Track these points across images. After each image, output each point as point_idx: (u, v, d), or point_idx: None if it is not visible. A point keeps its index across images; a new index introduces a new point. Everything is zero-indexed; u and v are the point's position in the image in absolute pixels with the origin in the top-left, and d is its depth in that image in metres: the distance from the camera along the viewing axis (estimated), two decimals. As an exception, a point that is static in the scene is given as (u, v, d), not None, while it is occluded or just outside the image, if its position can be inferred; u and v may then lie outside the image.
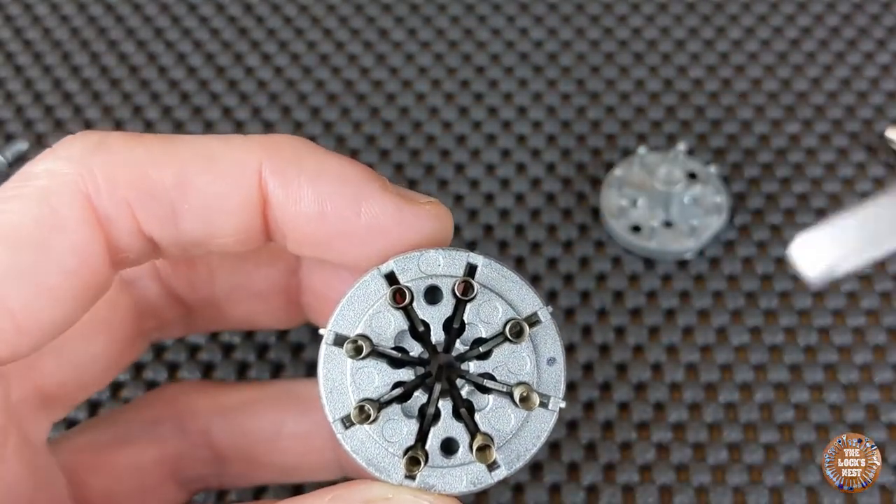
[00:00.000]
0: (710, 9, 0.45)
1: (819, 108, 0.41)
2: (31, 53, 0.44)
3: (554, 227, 0.38)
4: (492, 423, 0.22)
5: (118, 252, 0.23)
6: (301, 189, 0.23)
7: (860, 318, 0.35)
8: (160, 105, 0.42)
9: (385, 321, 0.22)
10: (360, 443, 0.22)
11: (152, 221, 0.23)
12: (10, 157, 0.39)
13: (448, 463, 0.22)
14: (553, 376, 0.23)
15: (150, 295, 0.28)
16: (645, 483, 0.32)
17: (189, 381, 0.34)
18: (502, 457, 0.23)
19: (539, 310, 0.23)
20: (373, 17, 0.45)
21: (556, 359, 0.23)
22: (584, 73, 0.43)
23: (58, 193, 0.22)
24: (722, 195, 0.37)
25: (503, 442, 0.22)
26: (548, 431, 0.23)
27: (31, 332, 0.22)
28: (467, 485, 0.22)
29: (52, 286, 0.22)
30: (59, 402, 0.26)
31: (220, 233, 0.24)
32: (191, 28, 0.45)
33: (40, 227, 0.22)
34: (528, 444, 0.23)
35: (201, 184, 0.23)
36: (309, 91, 0.42)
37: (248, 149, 0.23)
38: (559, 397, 0.23)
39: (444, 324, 0.23)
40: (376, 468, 0.22)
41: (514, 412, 0.23)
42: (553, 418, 0.23)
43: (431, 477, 0.22)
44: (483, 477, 0.22)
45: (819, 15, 0.45)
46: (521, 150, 0.40)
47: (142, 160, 0.23)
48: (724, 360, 0.35)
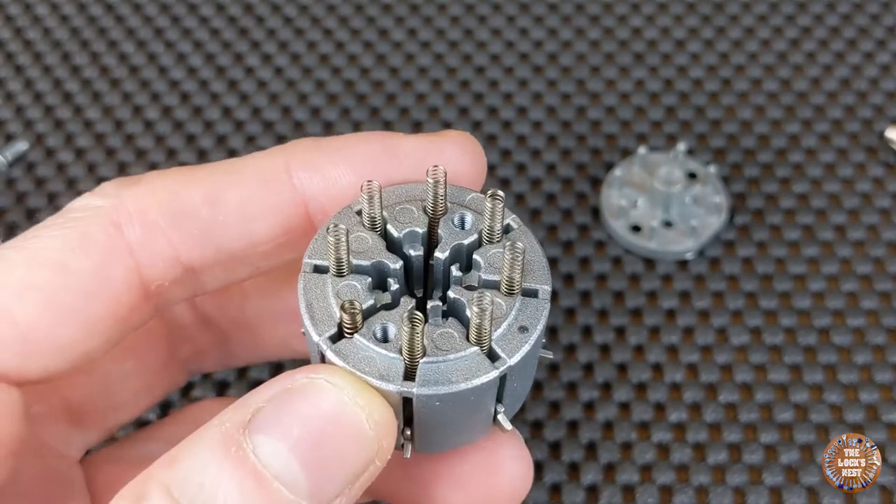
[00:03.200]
0: (710, 9, 0.45)
1: (819, 108, 0.41)
2: (31, 53, 0.44)
3: (554, 227, 0.38)
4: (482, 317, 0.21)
5: (152, 280, 0.23)
6: (334, 167, 0.23)
7: (860, 318, 0.35)
8: (160, 105, 0.42)
9: (362, 242, 0.22)
10: (358, 361, 0.21)
11: (187, 242, 0.23)
12: (10, 157, 0.39)
13: (443, 357, 0.21)
14: (537, 268, 0.22)
15: (183, 319, 0.28)
16: (645, 483, 0.32)
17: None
18: (500, 347, 0.21)
19: (510, 219, 0.23)
20: (373, 17, 0.45)
21: (535, 247, 0.22)
22: (584, 73, 0.43)
23: (87, 221, 0.23)
24: (722, 195, 0.37)
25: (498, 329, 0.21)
26: (544, 317, 0.22)
27: (42, 349, 0.22)
28: (465, 376, 0.21)
29: (69, 306, 0.22)
30: (90, 420, 0.26)
31: (260, 239, 0.24)
32: (191, 28, 0.45)
33: (62, 250, 0.22)
34: (528, 328, 0.21)
35: (232, 196, 0.23)
36: (309, 91, 0.42)
37: (269, 155, 0.24)
38: (546, 286, 0.22)
39: (421, 240, 0.23)
40: (379, 377, 0.21)
41: (505, 301, 0.21)
42: (546, 306, 0.22)
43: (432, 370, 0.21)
44: (482, 367, 0.21)
45: (819, 15, 0.45)
46: (521, 149, 0.40)
47: (170, 186, 0.23)
48: (724, 361, 0.35)
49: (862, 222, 0.38)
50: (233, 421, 0.19)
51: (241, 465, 0.18)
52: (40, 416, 0.25)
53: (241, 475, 0.18)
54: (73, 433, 0.26)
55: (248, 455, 0.19)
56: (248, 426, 0.19)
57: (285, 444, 0.19)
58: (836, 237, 0.38)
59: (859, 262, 0.37)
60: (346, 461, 0.19)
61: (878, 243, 0.37)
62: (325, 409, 0.19)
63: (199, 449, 0.19)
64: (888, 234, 0.37)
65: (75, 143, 0.41)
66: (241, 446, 0.19)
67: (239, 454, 0.18)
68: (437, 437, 0.23)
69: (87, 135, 0.41)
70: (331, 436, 0.19)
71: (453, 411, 0.21)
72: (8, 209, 0.39)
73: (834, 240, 0.37)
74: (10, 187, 0.39)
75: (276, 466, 0.19)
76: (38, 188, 0.39)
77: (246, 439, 0.19)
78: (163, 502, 0.18)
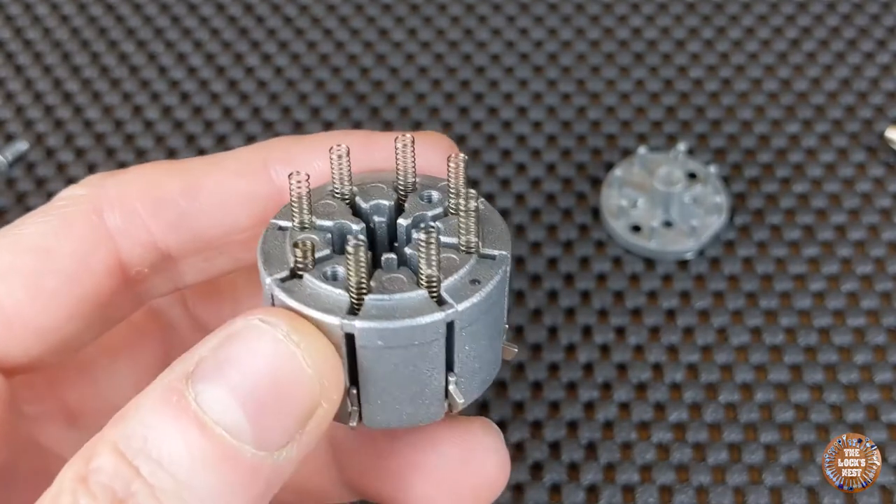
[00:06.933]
0: (710, 9, 0.45)
1: (819, 108, 0.41)
2: (31, 53, 0.44)
3: (554, 227, 0.38)
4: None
5: (132, 266, 0.24)
6: (311, 160, 0.24)
7: (860, 318, 0.35)
8: (160, 105, 0.42)
9: (327, 207, 0.22)
10: (304, 297, 0.21)
11: (165, 228, 0.24)
12: (10, 157, 0.39)
13: (389, 296, 0.21)
14: (499, 236, 0.22)
15: (177, 323, 0.28)
16: (645, 483, 0.32)
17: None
18: (449, 295, 0.21)
19: (477, 201, 0.22)
20: (373, 17, 0.45)
21: (496, 219, 0.22)
22: (584, 73, 0.43)
23: (70, 208, 0.23)
24: (722, 195, 0.37)
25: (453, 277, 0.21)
26: (500, 274, 0.21)
27: (25, 333, 0.22)
28: (410, 314, 0.20)
29: (50, 289, 0.22)
30: (85, 422, 0.26)
31: (236, 227, 0.24)
32: (191, 28, 0.45)
33: (45, 235, 0.23)
34: (481, 282, 0.21)
35: (210, 183, 0.24)
36: (309, 91, 0.42)
37: (249, 149, 0.25)
38: (505, 251, 0.22)
39: (388, 212, 0.23)
40: (323, 310, 0.20)
41: (460, 257, 0.21)
42: (502, 265, 0.21)
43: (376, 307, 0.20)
44: (429, 307, 0.20)
45: (819, 15, 0.45)
46: (521, 150, 0.40)
47: (152, 176, 0.24)
48: (724, 361, 0.35)
49: (862, 222, 0.38)
50: (176, 373, 0.19)
51: (182, 414, 0.18)
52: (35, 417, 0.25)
53: (183, 424, 0.18)
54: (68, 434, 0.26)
55: (189, 404, 0.18)
56: (191, 376, 0.19)
57: (226, 390, 0.19)
58: (837, 237, 0.38)
59: (859, 262, 0.37)
60: (288, 402, 0.19)
61: (878, 243, 0.37)
62: (262, 351, 0.19)
63: (143, 402, 0.19)
64: (888, 234, 0.37)
65: (75, 143, 0.41)
66: (183, 395, 0.19)
67: (181, 403, 0.18)
68: (384, 404, 0.22)
69: (87, 135, 0.41)
70: (269, 377, 0.19)
71: (399, 362, 0.21)
72: (8, 209, 0.39)
73: (834, 240, 0.37)
74: (10, 187, 0.39)
75: (216, 412, 0.18)
76: (38, 188, 0.39)
77: (188, 388, 0.19)
78: (111, 458, 0.18)
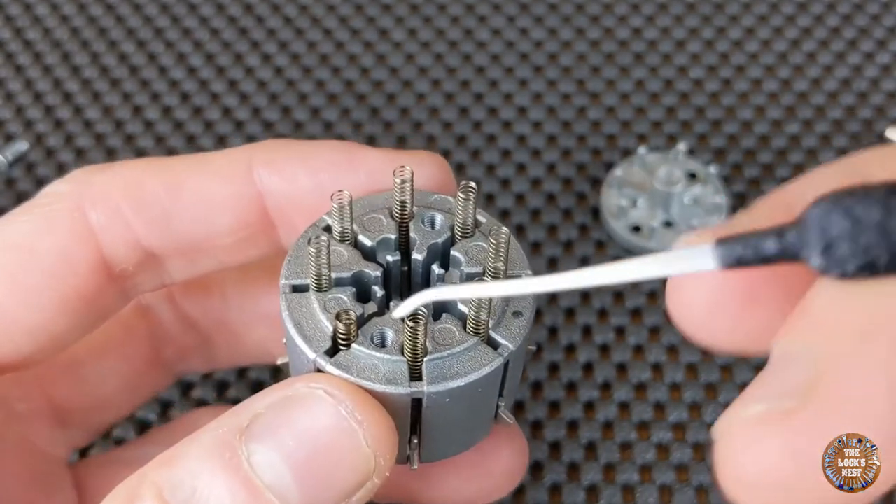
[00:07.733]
0: (710, 9, 0.45)
1: (819, 108, 0.41)
2: (31, 53, 0.44)
3: (554, 227, 0.38)
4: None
5: (116, 264, 0.24)
6: (294, 168, 0.24)
7: (860, 318, 0.35)
8: (160, 105, 0.42)
9: (338, 255, 0.22)
10: (360, 369, 0.20)
11: (147, 227, 0.24)
12: (10, 157, 0.39)
13: (447, 352, 0.21)
14: (515, 256, 0.22)
15: (166, 320, 0.28)
16: (645, 483, 0.32)
17: None
18: (498, 335, 0.21)
19: (478, 214, 0.22)
20: (373, 17, 0.45)
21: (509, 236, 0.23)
22: (584, 73, 0.43)
23: (53, 206, 0.23)
24: (722, 195, 0.37)
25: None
26: (534, 300, 0.21)
27: (11, 330, 0.22)
28: (472, 367, 0.20)
29: (34, 286, 0.22)
30: (75, 419, 0.26)
31: (217, 231, 0.24)
32: (191, 28, 0.45)
33: (29, 233, 0.23)
34: (522, 312, 0.21)
35: (193, 184, 0.24)
36: (309, 91, 0.42)
37: (235, 151, 0.24)
38: (528, 271, 0.22)
39: (395, 246, 0.23)
40: (386, 382, 0.20)
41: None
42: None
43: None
44: (487, 355, 0.21)
45: (819, 15, 0.45)
46: (521, 150, 0.40)
47: (135, 174, 0.24)
48: (724, 361, 0.35)
49: (862, 222, 0.38)
50: (230, 426, 0.19)
51: (234, 473, 0.18)
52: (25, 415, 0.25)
53: (234, 483, 0.18)
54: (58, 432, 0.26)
55: (242, 463, 0.18)
56: (245, 433, 0.19)
57: (279, 455, 0.19)
58: (836, 237, 0.37)
59: (859, 262, 0.37)
60: (340, 476, 0.19)
61: (878, 243, 0.37)
62: (322, 422, 0.19)
63: (194, 452, 0.19)
64: (888, 234, 0.37)
65: (75, 143, 0.41)
66: (236, 453, 0.19)
67: (233, 461, 0.18)
68: (443, 442, 0.23)
69: (87, 135, 0.41)
70: (325, 449, 0.19)
71: (461, 408, 0.21)
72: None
73: (834, 240, 0.37)
74: (10, 187, 0.39)
75: (269, 477, 0.18)
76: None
77: (241, 446, 0.19)
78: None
